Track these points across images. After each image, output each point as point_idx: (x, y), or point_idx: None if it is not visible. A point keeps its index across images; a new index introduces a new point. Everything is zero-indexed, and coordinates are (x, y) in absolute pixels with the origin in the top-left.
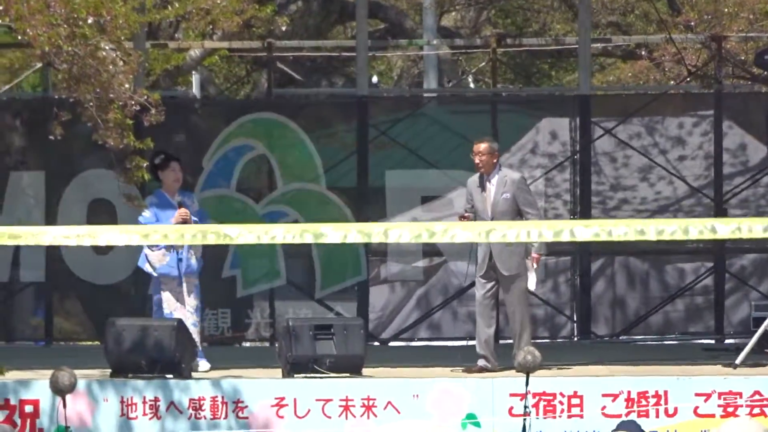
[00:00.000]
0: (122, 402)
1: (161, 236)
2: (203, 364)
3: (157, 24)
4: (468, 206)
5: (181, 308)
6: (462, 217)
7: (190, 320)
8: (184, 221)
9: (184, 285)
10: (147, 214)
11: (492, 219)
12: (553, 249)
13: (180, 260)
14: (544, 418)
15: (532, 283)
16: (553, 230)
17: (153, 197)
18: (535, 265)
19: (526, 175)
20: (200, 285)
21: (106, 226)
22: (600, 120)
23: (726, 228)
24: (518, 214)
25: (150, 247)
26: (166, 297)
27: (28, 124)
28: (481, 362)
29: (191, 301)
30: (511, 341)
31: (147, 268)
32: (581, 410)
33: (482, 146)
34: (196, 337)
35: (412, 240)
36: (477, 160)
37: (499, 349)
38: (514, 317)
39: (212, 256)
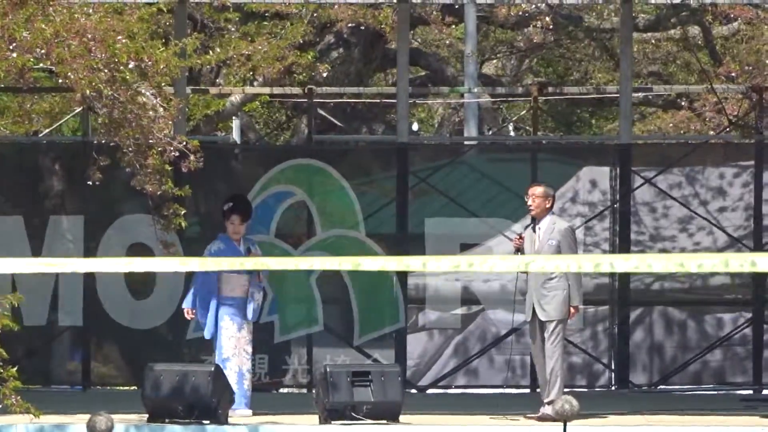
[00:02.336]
0: None
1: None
2: (245, 411)
3: (198, 70)
4: (519, 233)
5: (239, 354)
6: (517, 239)
7: (246, 367)
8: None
9: (246, 333)
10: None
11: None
12: (592, 299)
13: (245, 310)
14: None
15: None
16: (592, 263)
17: (219, 242)
18: (571, 320)
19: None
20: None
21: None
22: (640, 169)
23: (767, 261)
24: None
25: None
26: (226, 340)
27: (67, 169)
28: (544, 409)
29: (248, 347)
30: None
31: (209, 317)
32: None
33: (538, 189)
34: (248, 383)
35: (451, 269)
36: (530, 203)
37: (537, 396)
38: (547, 364)
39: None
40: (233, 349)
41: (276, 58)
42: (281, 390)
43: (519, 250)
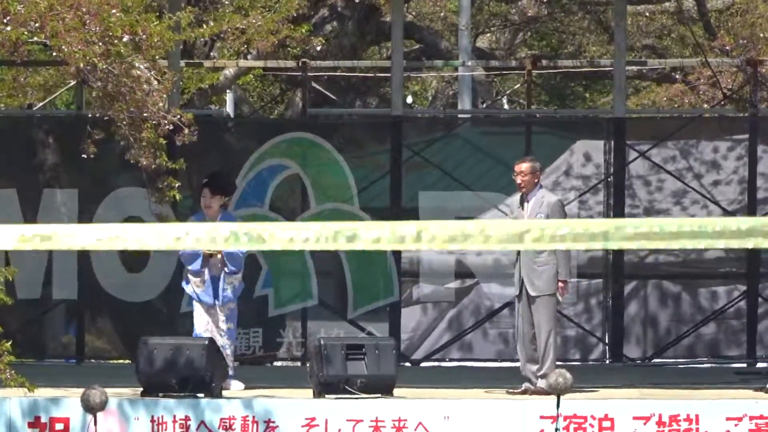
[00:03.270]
0: (153, 421)
1: (193, 240)
2: (236, 384)
3: (192, 43)
4: (512, 217)
5: (212, 331)
6: None
7: (219, 342)
8: (212, 256)
9: (219, 312)
10: None
11: None
12: (585, 272)
13: (216, 291)
14: None
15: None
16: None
17: (193, 218)
18: (561, 296)
19: (560, 196)
20: (237, 309)
21: (138, 226)
22: (634, 143)
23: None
24: None
25: (190, 271)
26: (198, 317)
27: (61, 142)
28: (525, 385)
29: (223, 325)
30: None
31: (188, 289)
32: None
33: (524, 166)
34: (227, 359)
35: (446, 243)
36: (519, 180)
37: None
38: (540, 338)
39: (245, 275)
40: (205, 325)
41: (270, 32)
42: (275, 363)
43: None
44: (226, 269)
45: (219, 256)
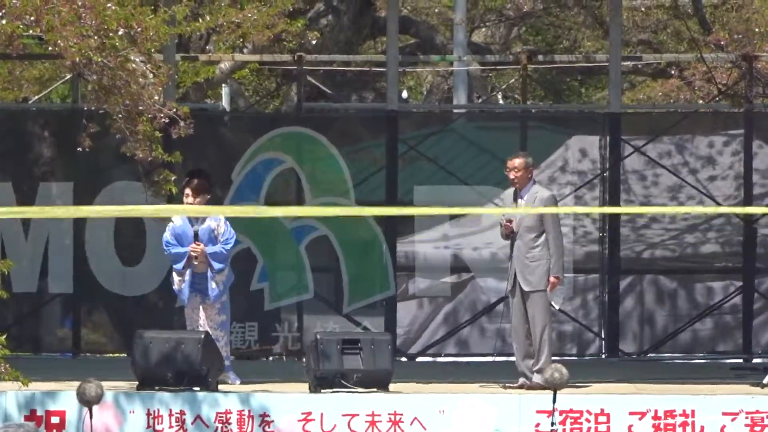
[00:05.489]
0: (149, 414)
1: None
2: (233, 378)
3: (187, 37)
4: (507, 215)
5: (202, 327)
6: (506, 223)
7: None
8: (196, 258)
9: (209, 308)
10: (167, 235)
11: (517, 233)
12: (581, 267)
13: (204, 288)
14: None
15: (554, 303)
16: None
17: (177, 218)
18: (550, 291)
19: (555, 192)
20: (229, 300)
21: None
22: (630, 138)
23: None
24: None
25: (174, 269)
26: (187, 316)
27: (57, 135)
28: (521, 380)
29: (217, 318)
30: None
31: (175, 286)
32: (608, 427)
33: (517, 161)
34: (222, 351)
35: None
36: (512, 176)
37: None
38: (535, 333)
39: (240, 269)
40: (196, 322)
41: (266, 26)
42: (271, 358)
43: (508, 236)
44: (210, 271)
45: (201, 257)
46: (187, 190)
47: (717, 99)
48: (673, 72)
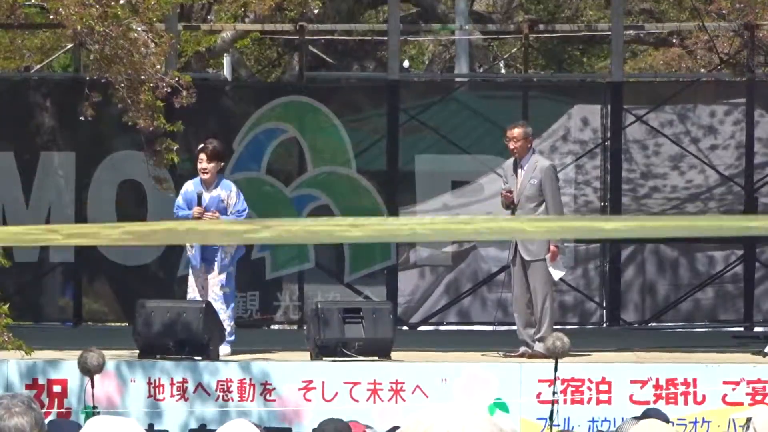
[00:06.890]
0: (150, 383)
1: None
2: (223, 349)
3: (189, 6)
4: (507, 185)
5: (204, 297)
6: (506, 193)
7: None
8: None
9: (215, 277)
10: (179, 200)
11: (518, 203)
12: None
13: (210, 256)
14: (572, 403)
15: (555, 274)
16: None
17: (191, 182)
18: (550, 261)
19: (556, 161)
20: (235, 272)
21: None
22: (631, 107)
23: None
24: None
25: None
26: (190, 283)
27: (58, 105)
28: (522, 348)
29: (218, 290)
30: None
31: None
32: (609, 396)
33: (516, 131)
34: (223, 323)
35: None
36: (512, 146)
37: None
38: (536, 302)
39: None
40: (201, 291)
41: None
42: (272, 326)
43: (509, 206)
44: None
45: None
46: (202, 155)
47: (719, 68)
48: (674, 41)
